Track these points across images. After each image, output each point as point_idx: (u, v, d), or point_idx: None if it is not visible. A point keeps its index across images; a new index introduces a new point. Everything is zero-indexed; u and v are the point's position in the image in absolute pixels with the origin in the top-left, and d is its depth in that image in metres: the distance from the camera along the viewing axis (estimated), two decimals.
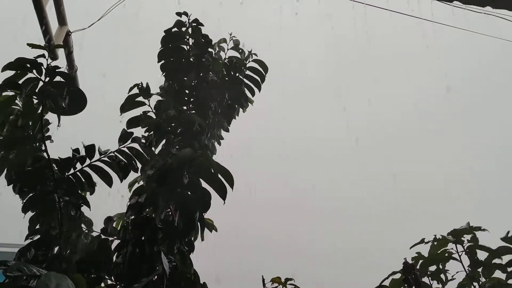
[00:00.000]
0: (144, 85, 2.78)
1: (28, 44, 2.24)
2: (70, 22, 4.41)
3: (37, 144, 2.68)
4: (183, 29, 3.27)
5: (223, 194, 2.16)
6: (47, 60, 2.32)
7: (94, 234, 2.84)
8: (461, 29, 4.54)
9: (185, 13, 3.25)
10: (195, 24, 3.23)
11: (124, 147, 2.74)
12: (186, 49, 3.32)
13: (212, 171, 2.18)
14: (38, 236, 2.67)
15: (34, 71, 2.36)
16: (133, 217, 2.39)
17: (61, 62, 4.53)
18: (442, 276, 3.15)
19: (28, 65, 2.35)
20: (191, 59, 3.29)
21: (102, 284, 2.49)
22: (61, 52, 4.50)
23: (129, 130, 2.83)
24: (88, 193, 2.85)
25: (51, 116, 2.74)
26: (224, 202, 2.17)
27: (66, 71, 4.59)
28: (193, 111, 3.20)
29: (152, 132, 2.84)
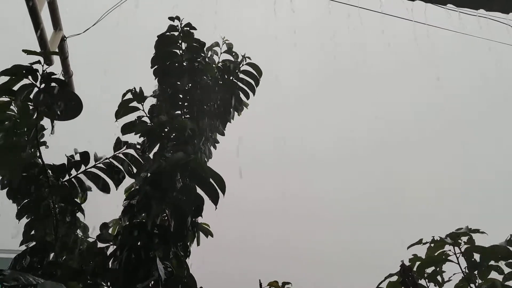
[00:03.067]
0: (138, 90, 2.78)
1: (24, 50, 2.24)
2: (65, 27, 4.42)
3: (32, 150, 2.67)
4: (175, 33, 3.27)
5: (214, 199, 2.16)
6: (43, 66, 2.32)
7: (91, 240, 2.83)
8: (457, 32, 4.57)
9: (177, 18, 3.25)
10: (187, 28, 3.22)
11: (119, 153, 2.74)
12: (179, 53, 3.30)
13: (204, 175, 2.18)
14: (34, 243, 2.66)
15: (30, 77, 2.36)
16: (127, 222, 2.38)
17: (57, 68, 4.54)
18: (439, 278, 3.15)
19: (24, 72, 2.35)
20: (184, 64, 3.28)
21: None
22: (56, 57, 4.51)
23: (124, 135, 2.83)
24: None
25: (49, 122, 2.75)
26: (216, 207, 2.17)
27: (61, 76, 4.60)
28: (187, 116, 3.20)
29: (146, 138, 2.83)
